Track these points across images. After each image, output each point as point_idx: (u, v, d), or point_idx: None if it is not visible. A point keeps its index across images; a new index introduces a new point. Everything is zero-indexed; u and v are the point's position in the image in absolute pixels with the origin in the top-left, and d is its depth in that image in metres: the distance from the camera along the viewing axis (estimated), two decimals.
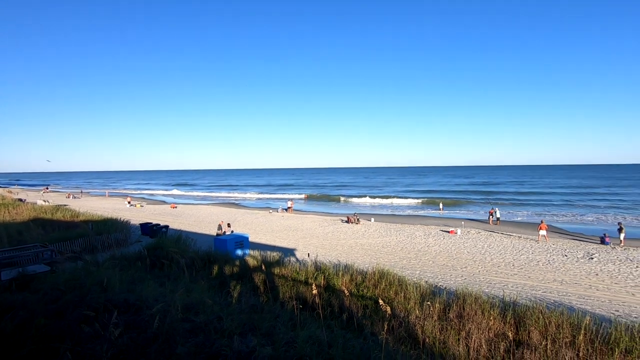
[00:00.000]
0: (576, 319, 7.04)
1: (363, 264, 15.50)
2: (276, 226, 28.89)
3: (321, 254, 18.07)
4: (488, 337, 6.60)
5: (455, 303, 7.97)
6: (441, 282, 13.44)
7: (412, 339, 6.49)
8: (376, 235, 24.57)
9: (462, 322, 7.07)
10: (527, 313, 7.42)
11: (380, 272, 10.03)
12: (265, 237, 23.77)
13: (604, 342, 6.39)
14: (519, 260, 17.51)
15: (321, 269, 10.36)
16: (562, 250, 19.62)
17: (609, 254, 18.52)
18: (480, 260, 17.50)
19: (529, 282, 14.10)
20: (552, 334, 6.62)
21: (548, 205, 44.85)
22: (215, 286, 8.51)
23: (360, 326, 6.70)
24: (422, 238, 23.18)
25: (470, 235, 24.06)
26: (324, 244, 21.75)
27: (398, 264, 16.82)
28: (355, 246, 21.05)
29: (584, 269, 15.86)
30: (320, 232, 25.80)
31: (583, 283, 13.93)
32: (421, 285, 9.70)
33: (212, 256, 11.74)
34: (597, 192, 57.83)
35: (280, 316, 6.26)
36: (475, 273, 15.39)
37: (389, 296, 8.66)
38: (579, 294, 12.58)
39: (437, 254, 18.97)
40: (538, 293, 12.53)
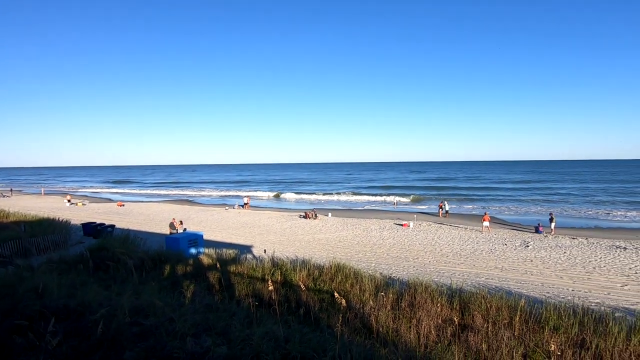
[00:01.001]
0: (513, 302, 7.69)
1: (320, 258, 15.68)
2: (232, 223, 28.27)
3: (279, 250, 17.99)
4: (437, 323, 7.00)
5: (407, 293, 8.35)
6: (395, 273, 13.99)
7: (366, 329, 6.71)
8: (333, 230, 24.96)
9: (414, 311, 7.44)
10: (471, 299, 7.97)
11: (336, 266, 10.22)
12: (221, 235, 23.17)
13: (536, 322, 7.06)
14: (465, 250, 18.72)
15: (278, 265, 10.33)
16: (502, 239, 21.28)
17: (542, 242, 20.42)
18: (431, 251, 18.46)
19: (473, 270, 15.14)
20: (493, 317, 7.18)
21: (492, 199, 48.30)
22: (167, 287, 8.15)
23: (317, 320, 6.80)
24: (378, 232, 23.94)
25: (421, 228, 25.26)
26: (281, 239, 21.68)
27: (354, 257, 17.24)
28: (312, 241, 21.22)
29: (521, 256, 17.34)
30: (277, 228, 25.67)
31: (520, 269, 15.24)
32: (376, 277, 10.03)
33: (163, 256, 11.22)
34: (535, 187, 63.27)
35: (236, 314, 6.17)
36: (426, 263, 16.22)
37: (345, 289, 8.86)
38: (516, 279, 13.75)
39: (391, 246, 19.70)
40: (481, 280, 13.49)
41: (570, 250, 18.32)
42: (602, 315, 7.33)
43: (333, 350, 4.76)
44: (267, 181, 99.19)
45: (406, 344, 6.15)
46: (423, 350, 5.93)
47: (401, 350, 5.65)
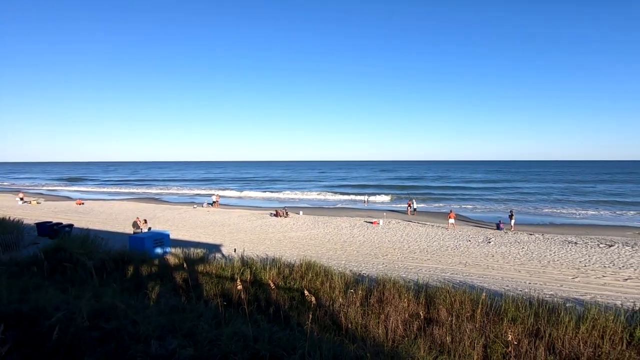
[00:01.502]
0: (476, 295, 8.05)
1: (291, 256, 15.65)
2: (201, 222, 27.57)
3: (249, 249, 17.77)
4: (404, 318, 7.20)
5: (376, 289, 8.52)
6: (364, 270, 14.23)
7: (336, 325, 6.78)
8: (304, 228, 24.97)
9: (382, 306, 7.61)
10: (437, 293, 8.26)
11: (307, 264, 10.24)
12: (188, 234, 22.54)
13: (496, 314, 7.43)
14: (432, 246, 19.36)
15: (248, 264, 10.21)
16: (466, 236, 22.19)
17: (503, 238, 21.49)
18: (399, 248, 18.92)
19: (439, 265, 15.68)
20: (457, 310, 7.48)
21: (458, 197, 50.21)
22: (130, 288, 7.83)
23: (287, 318, 6.79)
24: (348, 229, 24.21)
25: (391, 226, 25.83)
26: (251, 238, 21.42)
27: (325, 255, 17.35)
28: (283, 239, 21.13)
29: (483, 251, 18.17)
30: (248, 227, 25.33)
31: (482, 264, 15.96)
32: (346, 275, 10.15)
33: (126, 256, 10.75)
34: (498, 187, 66.36)
35: (204, 315, 6.04)
36: (394, 260, 16.61)
37: (315, 287, 8.90)
38: (479, 274, 14.39)
39: (361, 244, 20.00)
40: (446, 275, 14.01)
41: (527, 245, 19.41)
42: (555, 306, 7.84)
43: (302, 348, 4.78)
44: (238, 179, 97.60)
45: (374, 339, 6.27)
46: (391, 345, 6.07)
47: (369, 346, 5.76)
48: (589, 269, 15.08)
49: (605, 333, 6.46)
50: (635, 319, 7.36)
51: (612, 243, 19.91)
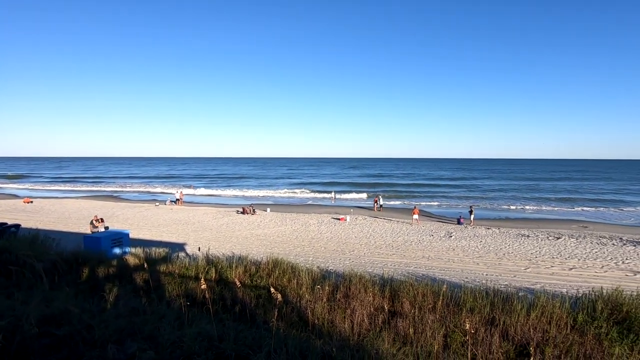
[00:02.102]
0: (437, 287, 8.37)
1: (258, 254, 15.48)
2: (163, 220, 26.57)
3: (214, 247, 17.38)
4: (369, 312, 7.35)
5: (342, 284, 8.63)
6: (331, 266, 14.38)
7: (303, 322, 6.80)
8: (272, 225, 24.78)
9: (348, 301, 7.72)
10: (401, 287, 8.50)
11: (274, 261, 10.17)
12: (150, 233, 21.65)
13: (456, 305, 7.78)
14: (397, 241, 19.91)
15: (213, 263, 9.97)
16: (429, 231, 23.04)
17: (463, 232, 22.53)
18: (366, 244, 19.29)
19: (404, 260, 16.17)
20: (419, 303, 7.74)
21: (423, 194, 51.93)
22: (86, 291, 7.40)
23: (253, 316, 6.72)
24: (316, 226, 24.33)
25: (358, 222, 26.26)
26: (217, 236, 20.95)
27: (293, 251, 17.33)
28: (250, 237, 20.86)
29: (445, 245, 18.96)
30: (213, 225, 24.74)
31: (444, 257, 16.65)
32: (313, 271, 10.19)
33: (81, 257, 10.12)
34: (460, 184, 69.40)
35: (166, 316, 5.83)
36: (361, 255, 16.91)
37: (282, 284, 8.86)
38: (441, 267, 15.01)
39: (328, 240, 20.17)
40: (410, 269, 14.48)
41: (485, 239, 20.48)
42: (508, 295, 8.34)
43: (268, 346, 4.76)
44: (203, 176, 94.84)
45: (341, 334, 6.36)
46: (356, 339, 6.18)
47: (336, 340, 5.83)
48: (539, 260, 16.18)
49: (552, 319, 6.96)
50: (578, 304, 8.00)
51: (559, 236, 21.49)
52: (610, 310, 7.49)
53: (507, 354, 5.95)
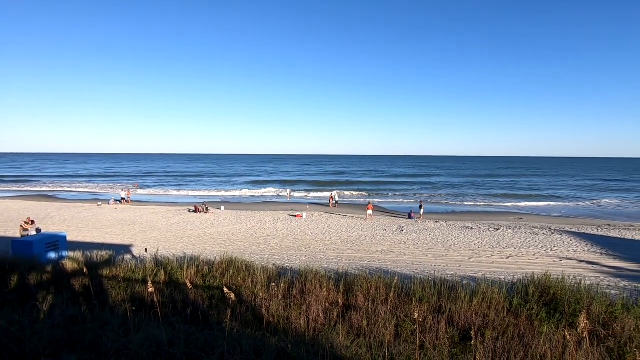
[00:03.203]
0: (389, 280, 8.70)
1: (212, 253, 15.03)
2: (107, 221, 24.79)
3: (164, 248, 16.59)
4: (325, 307, 7.45)
5: (298, 281, 8.66)
6: (288, 263, 14.36)
7: (258, 320, 6.72)
8: (226, 223, 24.15)
9: (304, 297, 7.76)
10: (355, 281, 8.72)
11: (228, 260, 9.94)
12: (92, 235, 20.10)
13: (407, 295, 8.15)
14: (352, 236, 20.36)
15: (162, 264, 9.51)
16: (383, 225, 23.83)
17: (413, 226, 23.59)
18: (322, 240, 19.50)
19: (358, 254, 16.58)
20: (373, 295, 8.00)
21: (378, 190, 53.52)
22: (14, 301, 6.70)
23: (206, 317, 6.52)
24: (272, 223, 24.12)
25: (314, 218, 26.44)
26: (167, 236, 19.99)
27: (248, 250, 17.05)
28: (203, 236, 20.16)
29: (397, 239, 19.73)
30: (163, 224, 23.55)
31: (396, 251, 17.32)
32: (269, 269, 10.11)
33: (8, 264, 9.15)
34: (412, 181, 72.38)
35: (110, 323, 5.47)
36: (317, 251, 17.07)
37: (236, 283, 8.68)
38: (393, 260, 15.60)
39: (284, 237, 20.10)
40: (365, 263, 14.89)
41: (434, 232, 21.63)
42: (454, 284, 8.89)
43: (222, 347, 4.65)
44: (152, 173, 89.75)
45: (296, 330, 6.38)
46: (312, 334, 6.24)
47: (291, 337, 5.85)
48: (481, 250, 17.43)
49: (492, 304, 7.55)
50: (514, 289, 8.74)
51: (498, 227, 23.30)
52: (540, 294, 8.28)
53: (452, 339, 6.35)
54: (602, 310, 7.10)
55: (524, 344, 5.87)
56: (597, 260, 15.70)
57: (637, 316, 6.71)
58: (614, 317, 6.79)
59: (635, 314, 6.79)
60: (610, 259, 16.05)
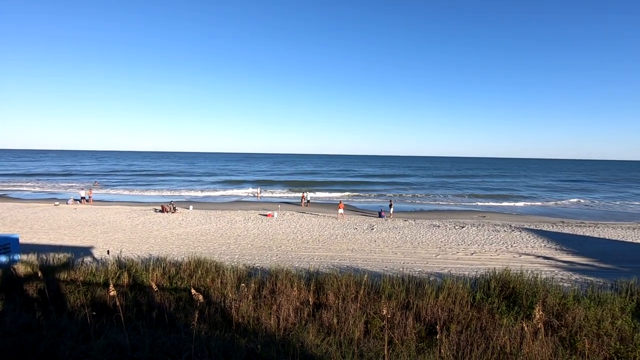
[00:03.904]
0: (359, 278, 8.84)
1: (179, 254, 14.60)
2: (65, 221, 23.42)
3: (128, 250, 15.91)
4: (295, 306, 7.45)
5: (268, 280, 8.60)
6: (258, 263, 14.21)
7: (227, 322, 6.60)
8: (195, 223, 23.53)
9: (275, 297, 7.72)
10: (326, 279, 8.79)
11: (196, 261, 9.70)
12: (48, 237, 18.92)
13: (376, 292, 8.31)
14: (323, 235, 20.46)
15: (126, 266, 9.12)
16: (353, 224, 24.12)
17: (383, 225, 24.06)
18: (293, 239, 19.45)
19: (329, 253, 16.69)
20: (343, 293, 8.09)
21: (349, 189, 54.03)
22: None
23: (173, 321, 6.32)
24: (242, 223, 23.76)
25: (285, 217, 26.32)
26: (132, 237, 19.18)
27: (217, 250, 16.70)
28: (170, 237, 19.53)
29: (367, 237, 20.05)
30: (127, 225, 22.58)
31: (366, 249, 17.60)
32: (239, 269, 9.97)
33: None
34: (383, 181, 73.68)
35: (68, 330, 5.19)
36: (288, 251, 17.01)
37: (205, 284, 8.50)
38: (363, 258, 15.84)
39: (255, 237, 19.87)
40: (335, 261, 15.01)
41: (403, 230, 22.18)
42: (421, 280, 9.17)
43: (189, 350, 4.54)
44: (118, 171, 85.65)
45: (266, 330, 6.33)
46: (282, 334, 6.22)
47: (261, 337, 5.79)
48: (447, 247, 18.07)
49: (456, 299, 7.85)
50: (477, 285, 9.14)
51: (463, 225, 24.25)
52: (501, 288, 8.71)
53: (419, 334, 6.55)
54: (556, 302, 7.58)
55: (485, 336, 6.15)
56: (552, 255, 16.73)
57: (586, 307, 7.22)
58: (567, 308, 7.27)
59: (585, 305, 7.31)
60: (564, 253, 17.16)
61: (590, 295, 8.20)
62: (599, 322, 6.67)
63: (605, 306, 7.36)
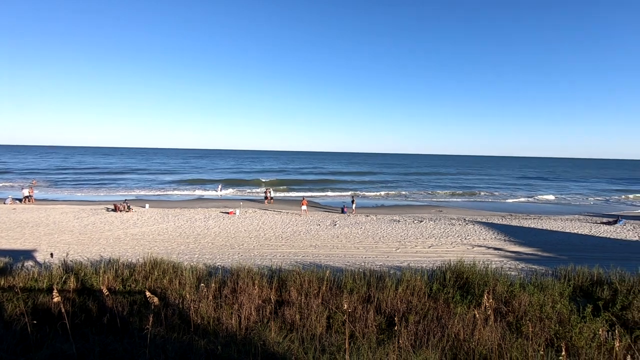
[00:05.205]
0: (322, 273, 8.90)
1: (134, 255, 13.86)
2: (2, 222, 21.38)
3: (76, 252, 14.86)
4: (257, 304, 7.35)
5: (230, 279, 8.42)
6: (219, 262, 13.86)
7: (186, 324, 6.37)
8: (151, 222, 22.45)
9: (236, 296, 7.56)
10: (288, 276, 8.75)
11: (152, 262, 9.27)
12: None
13: (338, 288, 8.41)
14: (286, 232, 20.37)
15: (73, 270, 8.50)
16: (317, 220, 24.25)
17: (346, 220, 24.42)
18: (256, 237, 19.19)
19: (293, 250, 16.66)
20: (306, 290, 8.10)
21: (313, 186, 54.13)
22: None
23: (126, 325, 5.99)
24: (202, 221, 23.05)
25: (247, 215, 25.88)
26: (80, 239, 17.92)
27: (176, 250, 16.07)
28: (124, 237, 18.48)
29: (330, 233, 20.25)
30: (75, 225, 21.06)
31: (329, 244, 17.77)
32: (198, 268, 9.67)
33: None
34: (346, 179, 74.56)
35: (4, 341, 4.75)
36: (250, 248, 16.75)
37: (162, 286, 8.14)
38: (326, 254, 15.97)
39: (216, 235, 19.35)
40: (299, 258, 15.01)
41: (365, 225, 22.64)
42: (382, 274, 9.42)
43: (143, 355, 4.34)
44: (66, 169, 79.31)
45: (227, 330, 6.20)
46: (244, 333, 6.12)
47: (222, 338, 5.66)
48: (407, 241, 18.72)
49: (415, 291, 8.15)
50: (433, 276, 9.55)
51: (422, 219, 25.24)
52: (455, 278, 9.16)
53: (380, 326, 6.72)
54: (504, 290, 8.11)
55: (441, 325, 6.44)
56: (502, 246, 17.90)
57: (530, 293, 7.79)
58: (513, 295, 7.80)
59: (529, 292, 7.88)
60: (512, 244, 18.42)
61: (534, 282, 8.86)
62: (541, 307, 7.22)
63: (546, 292, 7.99)
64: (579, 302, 8.17)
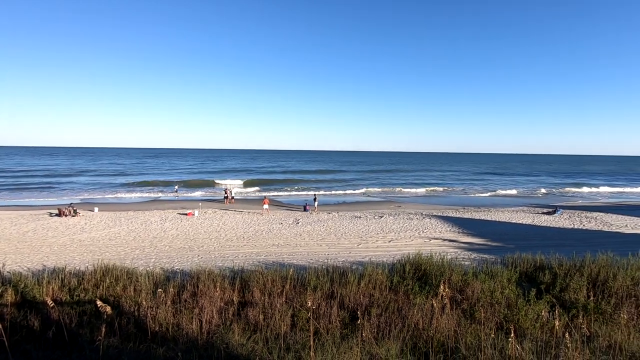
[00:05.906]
0: (285, 272, 8.87)
1: (82, 263, 12.93)
2: None
3: (15, 262, 13.59)
4: (219, 307, 7.16)
5: (189, 283, 8.13)
6: (178, 266, 13.32)
7: (142, 332, 6.07)
8: (101, 227, 21.06)
9: (196, 300, 7.32)
10: (251, 277, 8.63)
11: (104, 269, 8.70)
12: None
13: (302, 285, 8.43)
14: (248, 232, 20.03)
15: (11, 282, 7.76)
16: (279, 219, 24.08)
17: (309, 218, 24.48)
18: (216, 238, 18.67)
19: (255, 249, 16.42)
20: (269, 289, 8.03)
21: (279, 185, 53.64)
22: None
23: (75, 338, 5.57)
24: (159, 223, 22.01)
25: (207, 216, 25.11)
26: (19, 247, 16.38)
27: (130, 255, 15.21)
28: (70, 243, 17.17)
29: (293, 232, 20.20)
30: (13, 233, 19.22)
31: (292, 243, 17.72)
32: (155, 273, 9.24)
33: None
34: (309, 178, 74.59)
35: None
36: (211, 250, 16.27)
37: (115, 293, 7.67)
38: (289, 252, 15.92)
39: (174, 237, 18.58)
40: (261, 257, 14.82)
41: (327, 222, 22.85)
42: (345, 270, 9.57)
43: None
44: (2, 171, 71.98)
45: (188, 336, 5.98)
46: (205, 337, 5.94)
47: (182, 344, 5.45)
48: (368, 236, 19.16)
49: (376, 284, 8.38)
50: (394, 269, 9.87)
51: (382, 215, 25.95)
52: (414, 270, 9.52)
53: (343, 321, 6.83)
54: (459, 279, 8.57)
55: (402, 316, 6.67)
56: (456, 238, 18.89)
57: (482, 281, 8.30)
58: (467, 284, 8.26)
59: (481, 280, 8.40)
60: (465, 236, 19.51)
61: (485, 271, 9.45)
62: (492, 293, 7.73)
63: (496, 279, 8.57)
64: (525, 286, 8.85)
